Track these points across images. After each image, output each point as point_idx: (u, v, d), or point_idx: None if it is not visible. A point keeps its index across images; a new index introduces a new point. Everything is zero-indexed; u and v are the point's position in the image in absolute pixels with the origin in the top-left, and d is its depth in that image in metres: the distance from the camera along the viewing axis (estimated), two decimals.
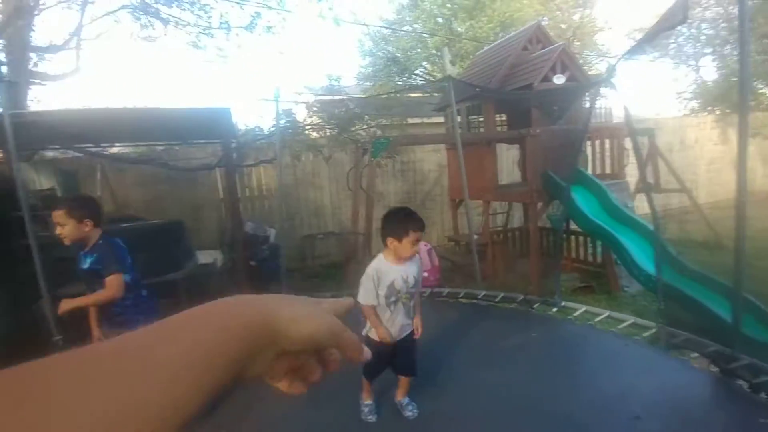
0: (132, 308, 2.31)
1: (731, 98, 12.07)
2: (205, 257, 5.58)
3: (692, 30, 13.80)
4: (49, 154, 6.71)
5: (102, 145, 5.90)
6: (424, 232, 2.37)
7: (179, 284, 4.44)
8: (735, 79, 12.98)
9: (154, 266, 4.29)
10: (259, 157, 6.72)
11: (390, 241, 2.30)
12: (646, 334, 3.13)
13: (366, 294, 2.31)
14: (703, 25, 13.59)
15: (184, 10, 7.40)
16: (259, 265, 5.43)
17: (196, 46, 7.90)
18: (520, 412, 2.32)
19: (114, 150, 6.86)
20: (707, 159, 11.63)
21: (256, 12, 7.38)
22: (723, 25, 12.34)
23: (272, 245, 5.79)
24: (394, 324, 2.36)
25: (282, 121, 6.33)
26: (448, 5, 12.09)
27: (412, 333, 2.46)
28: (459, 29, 11.84)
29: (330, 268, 7.19)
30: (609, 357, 2.89)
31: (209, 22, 7.57)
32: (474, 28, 11.63)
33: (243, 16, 7.63)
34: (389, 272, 2.32)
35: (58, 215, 2.21)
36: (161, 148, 6.85)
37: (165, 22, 7.52)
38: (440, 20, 12.66)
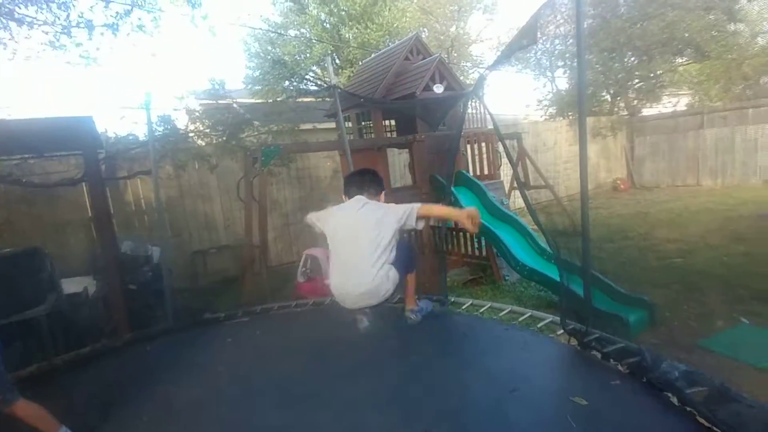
0: None
1: (586, 105, 14.11)
2: (73, 286, 4.93)
3: (547, 45, 15.76)
4: None
5: None
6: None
7: (41, 322, 3.86)
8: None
9: (7, 303, 3.70)
10: (134, 169, 6.11)
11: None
12: (521, 318, 3.49)
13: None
14: (556, 41, 15.53)
15: (41, 9, 6.42)
16: (140, 288, 4.94)
17: (54, 46, 6.90)
18: (410, 400, 2.45)
19: None
20: (564, 158, 13.37)
21: (122, 11, 6.68)
22: (571, 41, 14.13)
23: (155, 265, 5.31)
24: None
25: (160, 129, 5.84)
26: (335, 11, 12.15)
27: None
28: (347, 35, 11.98)
29: (225, 283, 6.80)
30: (490, 342, 3.16)
31: (69, 21, 6.66)
32: (362, 34, 11.85)
33: (108, 15, 6.80)
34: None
35: None
36: (14, 162, 5.88)
37: (19, 22, 6.45)
38: (327, 26, 12.69)
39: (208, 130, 6.53)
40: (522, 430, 2.08)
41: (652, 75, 14.13)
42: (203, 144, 6.75)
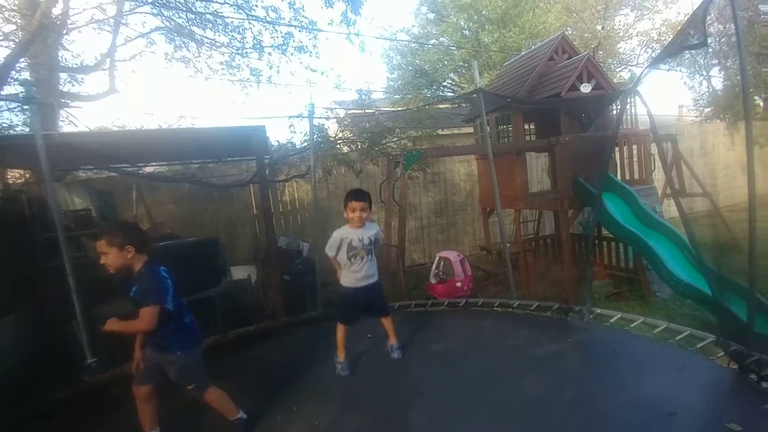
0: (173, 335, 2.29)
1: (735, 107, 12.40)
2: (239, 273, 5.64)
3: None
4: (83, 174, 6.92)
5: (137, 164, 6.05)
6: (366, 203, 3.09)
7: (215, 301, 4.48)
8: (737, 89, 13.18)
9: (191, 283, 4.35)
10: (291, 173, 6.79)
11: (344, 212, 3.14)
12: (678, 337, 3.17)
13: (330, 249, 3.15)
14: (709, 39, 13.59)
15: (217, 32, 7.61)
16: (293, 279, 5.43)
17: (230, 66, 8.11)
18: (559, 413, 2.37)
19: (149, 169, 7.05)
20: (723, 164, 11.53)
21: (287, 32, 7.54)
22: (722, 40, 12.77)
23: (306, 259, 5.80)
24: (360, 272, 3.10)
25: (315, 136, 6.41)
26: (475, 17, 12.06)
27: (379, 284, 3.25)
28: (486, 40, 11.78)
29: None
30: (644, 360, 2.96)
31: (243, 43, 7.76)
32: (503, 38, 11.57)
33: (276, 37, 7.73)
34: (348, 234, 3.10)
35: (101, 245, 2.22)
36: (196, 165, 7.01)
37: (199, 43, 7.73)
38: (467, 32, 12.65)
39: (353, 137, 6.97)
40: None
41: None
42: (348, 150, 7.22)
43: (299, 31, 7.58)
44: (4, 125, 6.37)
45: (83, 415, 2.84)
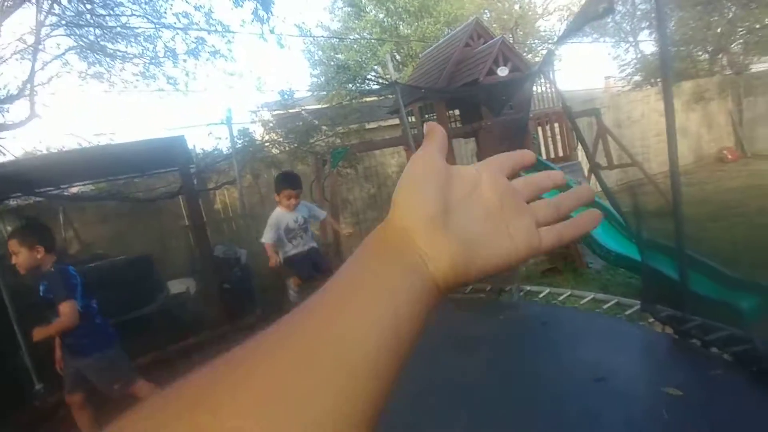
0: (85, 337, 2.29)
1: (673, 68, 12.55)
2: (177, 286, 5.58)
3: (627, 7, 14.41)
4: (12, 202, 6.55)
5: (61, 186, 5.81)
6: (300, 189, 3.54)
7: (153, 317, 4.45)
8: (673, 49, 13.55)
9: (125, 302, 4.31)
10: (220, 180, 6.73)
11: (276, 196, 3.47)
12: (606, 306, 3.30)
13: (266, 235, 3.46)
14: (637, 1, 14.16)
15: (129, 45, 7.38)
16: (232, 287, 5.46)
17: (145, 77, 7.87)
18: (492, 389, 2.43)
19: (74, 190, 6.76)
20: (655, 131, 12.07)
21: (198, 37, 7.40)
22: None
23: (244, 266, 5.83)
24: (304, 246, 3.62)
25: (239, 141, 6.39)
26: (393, 8, 12.30)
27: (316, 248, 3.89)
28: (406, 31, 12.08)
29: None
30: (572, 330, 3.03)
31: (155, 52, 7.55)
32: (421, 28, 11.89)
33: (188, 43, 7.61)
34: (284, 218, 3.43)
35: (11, 244, 2.23)
36: (121, 181, 6.77)
37: (112, 57, 7.48)
38: (386, 24, 12.87)
39: (281, 139, 7.01)
40: (608, 422, 1.95)
41: (759, 26, 12.11)
42: (277, 152, 7.24)
43: (209, 34, 7.47)
44: None
45: None
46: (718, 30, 12.37)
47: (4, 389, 3.67)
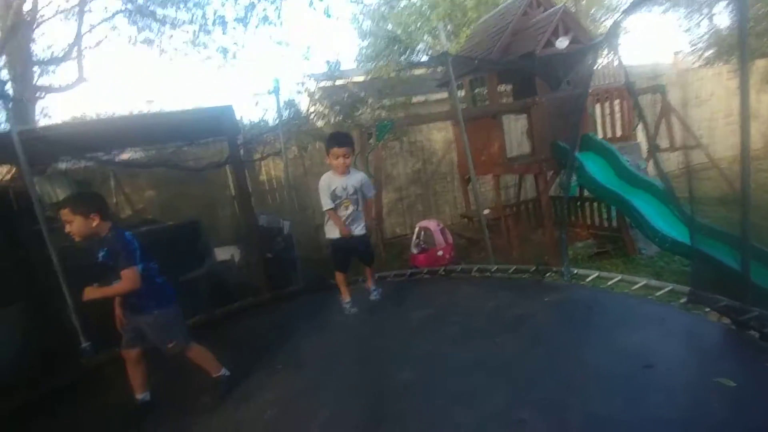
0: (146, 297, 2.39)
1: (747, 46, 11.40)
2: (223, 254, 5.70)
3: None
4: (62, 166, 6.85)
5: (112, 152, 6.01)
6: (350, 148, 3.12)
7: (200, 282, 4.56)
8: (751, 24, 12.30)
9: (175, 266, 4.42)
10: (266, 151, 6.77)
11: (327, 158, 3.16)
12: (659, 293, 3.14)
13: (324, 202, 3.15)
14: None
15: (179, 9, 7.42)
16: (275, 256, 5.52)
17: (194, 44, 7.93)
18: (533, 370, 2.40)
19: (125, 156, 6.99)
20: (725, 111, 11.13)
21: (249, 3, 7.34)
22: None
23: (287, 236, 5.87)
24: (348, 225, 3.18)
25: (285, 113, 6.36)
26: None
27: (366, 235, 3.34)
28: None
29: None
30: (621, 315, 2.93)
31: (205, 19, 7.57)
32: None
33: (238, 9, 7.58)
34: (333, 182, 3.13)
35: (64, 213, 2.28)
36: (170, 150, 6.94)
37: (162, 23, 7.55)
38: None
39: (326, 111, 6.93)
40: (654, 408, 1.90)
41: None
42: (322, 124, 7.18)
43: (259, 1, 7.39)
44: None
45: (83, 394, 3.00)
46: None
47: (52, 347, 3.90)
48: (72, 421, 2.67)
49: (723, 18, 13.90)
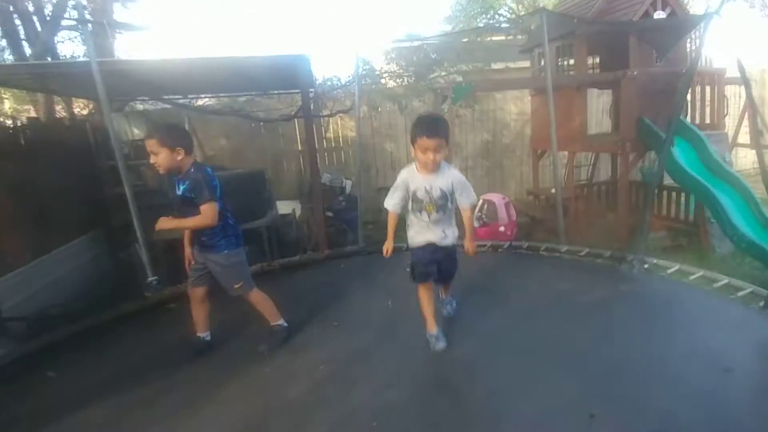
0: (218, 234, 2.41)
1: None
2: (284, 207, 5.77)
3: None
4: (140, 105, 7.14)
5: (189, 96, 6.16)
6: (442, 139, 2.25)
7: (261, 232, 4.63)
8: None
9: (239, 214, 4.51)
10: (335, 107, 6.68)
11: (412, 149, 2.32)
12: (740, 293, 2.94)
13: (388, 198, 2.47)
14: None
15: None
16: (335, 215, 5.51)
17: None
18: (604, 362, 2.27)
19: (200, 102, 7.18)
20: None
21: None
22: None
23: (349, 196, 5.84)
24: (428, 230, 2.43)
25: (359, 70, 6.18)
26: None
27: (453, 247, 2.53)
28: None
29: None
30: (701, 313, 2.80)
31: None
32: None
33: None
34: (414, 180, 2.37)
35: (151, 144, 2.29)
36: (243, 99, 7.03)
37: None
38: None
39: (400, 71, 6.68)
40: (728, 413, 1.84)
41: None
42: (394, 84, 6.96)
43: None
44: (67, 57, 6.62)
45: (145, 326, 3.10)
46: None
47: (121, 279, 4.11)
48: (130, 350, 2.78)
49: None
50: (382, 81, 6.81)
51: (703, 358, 2.21)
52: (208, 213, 2.28)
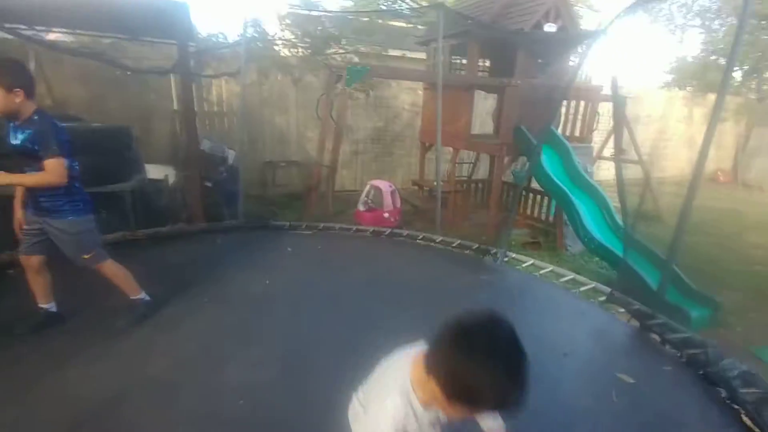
0: (62, 197, 2.08)
1: (706, 77, 12.21)
2: (155, 172, 5.13)
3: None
4: None
5: (37, 27, 5.08)
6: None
7: (125, 198, 4.06)
8: (714, 57, 13.04)
9: (98, 174, 3.88)
10: (220, 69, 6.10)
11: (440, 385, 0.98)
12: (583, 288, 3.39)
13: None
14: None
15: None
16: (214, 187, 5.08)
17: None
18: None
19: (52, 36, 5.96)
20: (668, 134, 11.92)
21: None
22: None
23: (231, 167, 5.41)
24: None
25: (249, 31, 5.70)
26: None
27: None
28: None
29: (290, 198, 6.91)
30: (547, 303, 3.16)
31: None
32: None
33: None
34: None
35: None
36: (108, 41, 6.00)
37: None
38: None
39: (295, 40, 6.34)
40: (563, 392, 2.11)
41: None
42: (288, 54, 6.59)
43: None
44: None
45: None
46: (758, 54, 11.91)
47: None
48: None
49: (692, 46, 14.59)
50: (276, 48, 6.39)
51: (545, 343, 2.48)
52: (55, 169, 1.94)
